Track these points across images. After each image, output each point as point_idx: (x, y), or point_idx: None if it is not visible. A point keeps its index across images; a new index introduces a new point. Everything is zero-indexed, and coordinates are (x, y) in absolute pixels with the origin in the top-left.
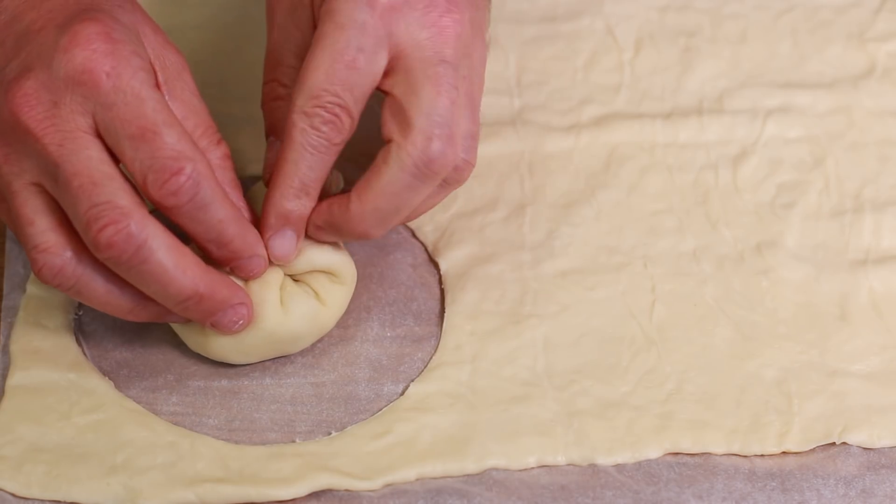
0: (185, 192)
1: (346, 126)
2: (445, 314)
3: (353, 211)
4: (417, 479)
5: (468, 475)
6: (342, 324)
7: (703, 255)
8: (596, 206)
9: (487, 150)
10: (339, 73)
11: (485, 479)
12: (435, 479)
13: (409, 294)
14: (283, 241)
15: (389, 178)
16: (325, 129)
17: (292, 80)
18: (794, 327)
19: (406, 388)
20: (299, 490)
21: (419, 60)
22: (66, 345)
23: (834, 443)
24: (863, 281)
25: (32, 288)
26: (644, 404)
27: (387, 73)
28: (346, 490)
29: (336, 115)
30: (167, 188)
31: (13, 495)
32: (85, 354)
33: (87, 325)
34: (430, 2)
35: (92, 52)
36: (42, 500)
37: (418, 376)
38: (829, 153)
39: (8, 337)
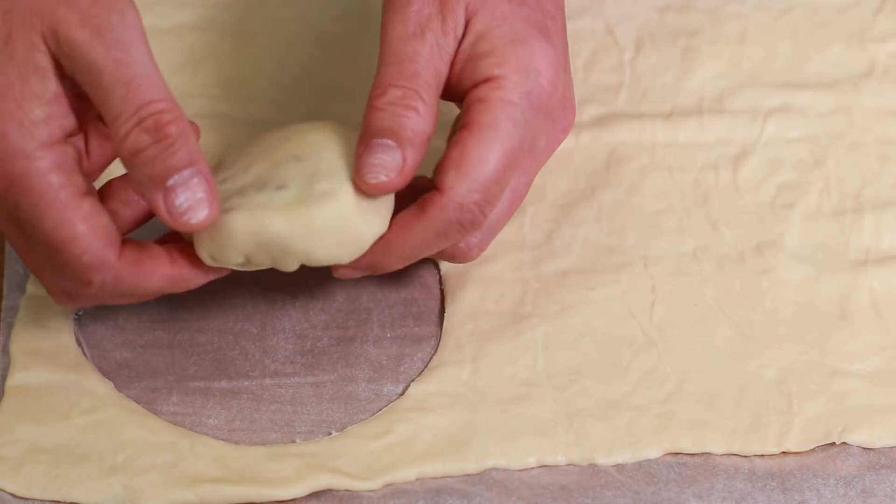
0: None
1: (484, 223)
2: (445, 314)
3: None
4: (417, 479)
5: (468, 475)
6: (342, 324)
7: (704, 255)
8: (596, 206)
9: None
10: (505, 173)
11: (485, 479)
12: (435, 479)
13: (409, 295)
14: (353, 273)
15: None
16: (468, 225)
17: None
18: (794, 327)
19: (406, 388)
20: (299, 490)
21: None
22: (66, 345)
23: (834, 443)
24: (863, 281)
25: (32, 288)
26: (644, 404)
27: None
28: (346, 490)
29: (484, 214)
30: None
31: (13, 495)
32: (85, 354)
33: (86, 325)
34: (564, 108)
35: None
36: (42, 501)
37: (418, 376)
38: (830, 153)
39: (8, 337)
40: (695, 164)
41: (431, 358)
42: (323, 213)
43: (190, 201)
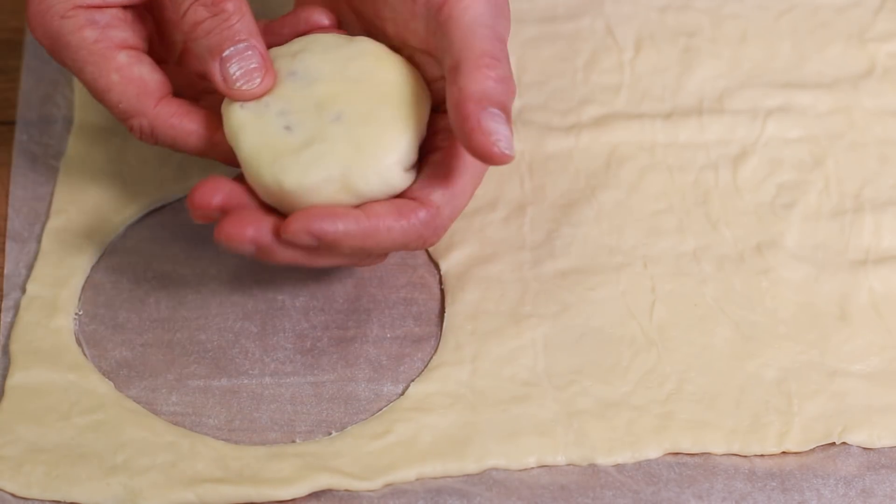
0: None
1: None
2: (445, 314)
3: (370, 238)
4: (417, 479)
5: (468, 475)
6: (342, 325)
7: (703, 255)
8: (596, 206)
9: None
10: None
11: (485, 479)
12: (435, 479)
13: (409, 295)
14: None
15: (408, 232)
16: (430, 243)
17: None
18: (794, 327)
19: (406, 388)
20: (299, 490)
21: None
22: (66, 345)
23: (834, 443)
24: (863, 281)
25: (32, 288)
26: (644, 404)
27: None
28: (346, 490)
29: (445, 232)
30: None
31: (13, 495)
32: (85, 354)
33: (87, 325)
34: None
35: None
36: (42, 501)
37: (418, 376)
38: (829, 153)
39: (8, 337)
40: (695, 164)
41: (431, 358)
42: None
43: (241, 70)
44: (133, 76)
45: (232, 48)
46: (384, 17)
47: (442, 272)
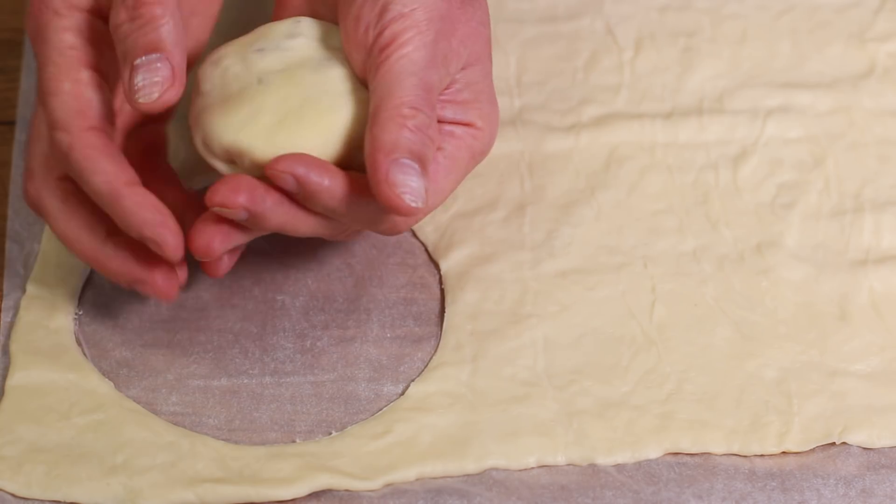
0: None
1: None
2: (445, 314)
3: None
4: (417, 479)
5: (468, 475)
6: (342, 324)
7: (703, 255)
8: (596, 206)
9: None
10: None
11: (485, 479)
12: (435, 479)
13: (409, 295)
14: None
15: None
16: (400, 229)
17: None
18: (794, 327)
19: (406, 388)
20: (299, 490)
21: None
22: (66, 345)
23: (834, 443)
24: (863, 281)
25: (32, 288)
26: (644, 404)
27: None
28: (346, 490)
29: (416, 222)
30: None
31: (13, 495)
32: (85, 354)
33: (87, 326)
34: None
35: None
36: (42, 501)
37: (418, 376)
38: (829, 153)
39: (8, 337)
40: (695, 164)
41: (431, 358)
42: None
43: (145, 82)
44: (82, 94)
45: (143, 57)
46: (343, 30)
47: (442, 272)
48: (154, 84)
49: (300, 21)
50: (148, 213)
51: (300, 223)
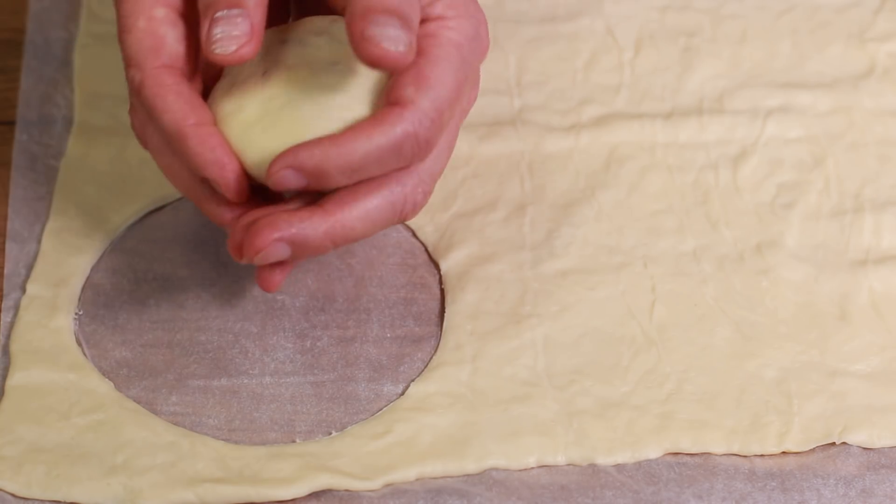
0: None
1: (426, 156)
2: (445, 314)
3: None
4: (417, 479)
5: (468, 475)
6: (342, 324)
7: (703, 255)
8: (596, 206)
9: (487, 150)
10: (453, 103)
11: (485, 479)
12: (435, 479)
13: (409, 295)
14: (288, 177)
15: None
16: (422, 145)
17: None
18: (794, 327)
19: (406, 388)
20: (299, 490)
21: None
22: (66, 345)
23: (834, 443)
24: (863, 281)
25: (32, 288)
26: (644, 404)
27: None
28: (346, 490)
29: (431, 143)
30: None
31: (13, 495)
32: (85, 354)
33: (87, 325)
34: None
35: None
36: (42, 501)
37: (418, 376)
38: (829, 153)
39: (8, 337)
40: (695, 164)
41: (431, 358)
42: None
43: (223, 34)
44: (156, 31)
45: (225, 11)
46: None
47: (442, 272)
48: (232, 38)
49: (336, 20)
50: (209, 153)
51: (348, 215)
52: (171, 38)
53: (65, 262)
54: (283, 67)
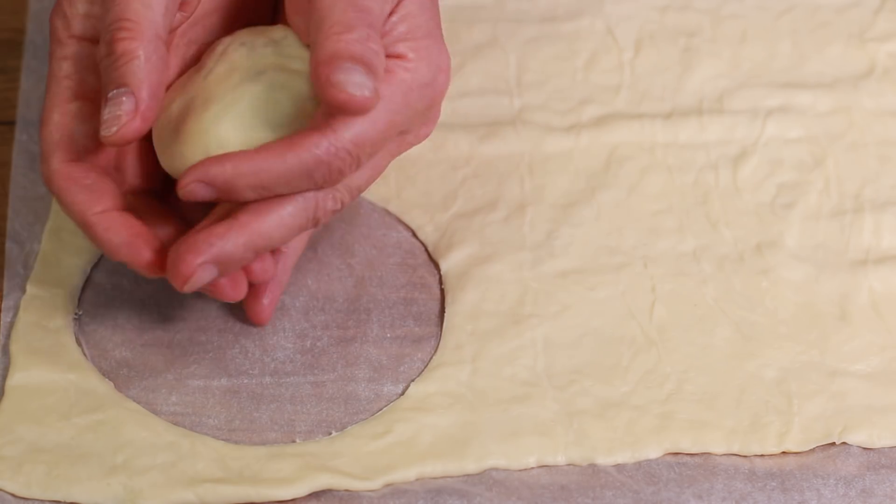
0: None
1: (339, 187)
2: (445, 314)
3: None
4: (417, 479)
5: (468, 475)
6: (342, 324)
7: (703, 255)
8: (596, 206)
9: (487, 150)
10: (382, 144)
11: (485, 479)
12: (435, 479)
13: (409, 295)
14: (197, 190)
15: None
16: (334, 174)
17: None
18: (794, 327)
19: (406, 388)
20: (299, 490)
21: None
22: (66, 345)
23: (834, 443)
24: (863, 281)
25: (32, 288)
26: (644, 404)
27: None
28: (346, 490)
29: (345, 174)
30: None
31: (13, 495)
32: (85, 354)
33: (87, 326)
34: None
35: None
36: (42, 501)
37: (418, 376)
38: (829, 153)
39: (8, 337)
40: (695, 164)
41: (431, 358)
42: None
43: (109, 115)
44: (66, 125)
45: (113, 91)
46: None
47: (442, 272)
48: (115, 118)
49: (290, 34)
50: (115, 237)
51: (263, 225)
52: (81, 133)
53: (65, 262)
54: (223, 72)
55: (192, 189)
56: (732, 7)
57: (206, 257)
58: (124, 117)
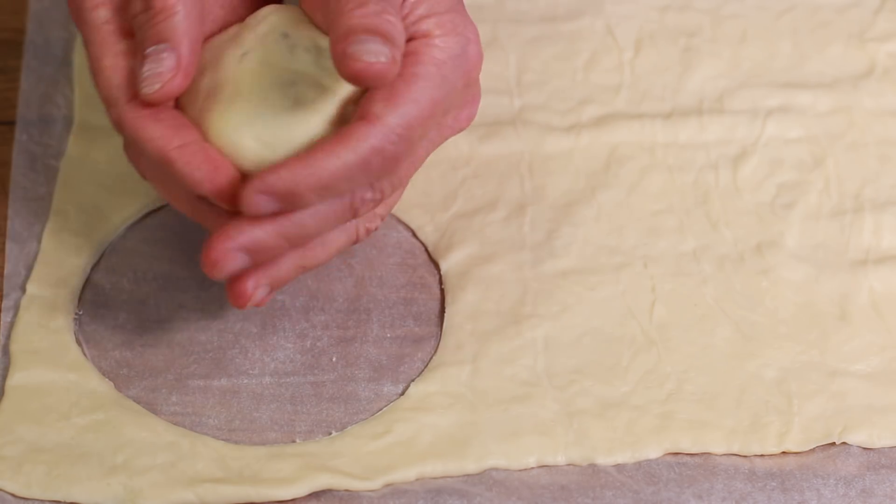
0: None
1: (399, 175)
2: (445, 314)
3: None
4: (417, 479)
5: (468, 475)
6: (342, 324)
7: (704, 255)
8: (596, 206)
9: (487, 150)
10: (427, 122)
11: (485, 479)
12: (435, 479)
13: (409, 295)
14: (262, 203)
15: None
16: (389, 162)
17: None
18: (794, 327)
19: (406, 388)
20: (299, 490)
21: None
22: (66, 345)
23: (834, 443)
24: (863, 281)
25: (32, 288)
26: (644, 404)
27: None
28: (346, 490)
29: (399, 160)
30: None
31: (13, 495)
32: (85, 354)
33: (87, 325)
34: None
35: None
36: (42, 501)
37: (418, 376)
38: (829, 153)
39: (8, 337)
40: (695, 164)
41: (431, 358)
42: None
43: (150, 72)
44: (122, 66)
45: (152, 48)
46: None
47: (442, 272)
48: (157, 75)
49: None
50: (197, 171)
51: (297, 213)
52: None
53: (65, 262)
54: (258, 63)
55: (254, 202)
56: (732, 7)
57: (235, 242)
58: (167, 74)
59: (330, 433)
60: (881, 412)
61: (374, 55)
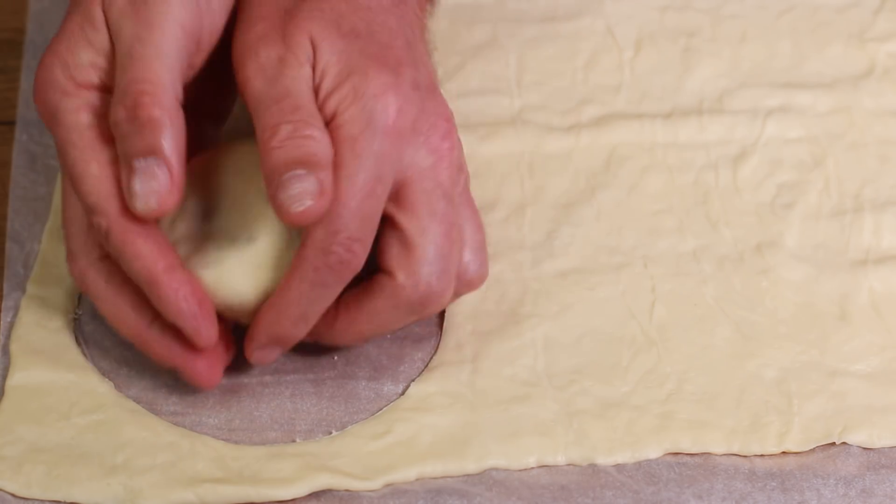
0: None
1: (361, 260)
2: (445, 314)
3: (337, 329)
4: (417, 479)
5: (468, 475)
6: None
7: (703, 255)
8: (596, 206)
9: (487, 150)
10: (362, 207)
11: (485, 479)
12: (435, 479)
13: None
14: (267, 354)
15: (382, 308)
16: (340, 267)
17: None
18: (794, 327)
19: (406, 387)
20: (299, 490)
21: (423, 192)
22: (66, 345)
23: (834, 443)
24: (863, 281)
25: (32, 288)
26: (644, 404)
27: (390, 198)
28: (346, 490)
29: (353, 252)
30: None
31: (13, 495)
32: (85, 354)
33: (87, 325)
34: (432, 125)
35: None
36: (42, 501)
37: (418, 376)
38: (829, 153)
39: (8, 337)
40: (695, 164)
41: (431, 358)
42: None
43: (144, 189)
44: (111, 175)
45: (141, 161)
46: None
47: None
48: (152, 192)
49: None
50: (183, 302)
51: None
52: None
53: (65, 262)
54: (229, 210)
55: (262, 356)
56: (732, 7)
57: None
58: (163, 190)
59: (330, 433)
60: (881, 412)
61: (300, 201)
